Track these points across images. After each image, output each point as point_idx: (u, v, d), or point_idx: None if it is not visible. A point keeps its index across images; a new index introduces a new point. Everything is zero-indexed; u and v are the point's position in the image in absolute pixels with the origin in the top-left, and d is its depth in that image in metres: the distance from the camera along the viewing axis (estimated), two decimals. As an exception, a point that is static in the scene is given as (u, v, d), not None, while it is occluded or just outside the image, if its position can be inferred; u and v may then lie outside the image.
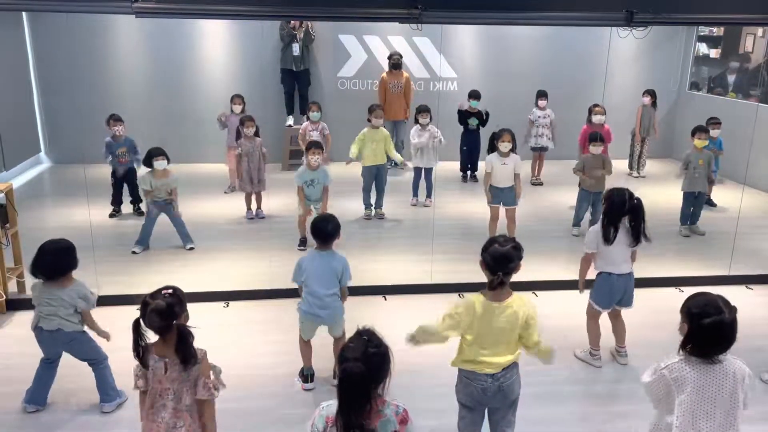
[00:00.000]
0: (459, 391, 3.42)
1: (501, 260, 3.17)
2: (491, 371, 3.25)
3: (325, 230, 4.20)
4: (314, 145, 6.69)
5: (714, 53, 10.65)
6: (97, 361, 4.10)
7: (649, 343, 4.96)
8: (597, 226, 4.59)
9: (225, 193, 8.78)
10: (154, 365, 3.03)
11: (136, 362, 3.05)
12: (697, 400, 2.69)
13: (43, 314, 3.93)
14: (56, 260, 3.91)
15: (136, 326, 3.00)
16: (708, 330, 2.67)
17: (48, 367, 4.09)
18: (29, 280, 5.46)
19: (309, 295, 4.22)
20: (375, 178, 7.83)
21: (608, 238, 4.46)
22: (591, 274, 4.71)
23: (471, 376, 3.30)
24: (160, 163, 6.45)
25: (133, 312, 2.99)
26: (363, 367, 2.31)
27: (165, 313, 2.95)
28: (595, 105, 8.44)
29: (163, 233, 6.79)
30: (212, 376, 3.11)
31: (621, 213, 4.43)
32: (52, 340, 3.98)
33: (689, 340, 2.73)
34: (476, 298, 3.24)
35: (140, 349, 3.02)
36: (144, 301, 2.99)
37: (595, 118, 8.33)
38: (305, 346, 4.39)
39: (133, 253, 6.57)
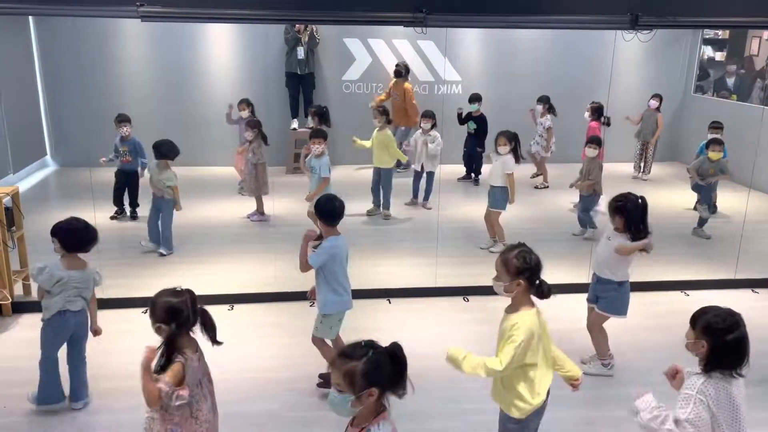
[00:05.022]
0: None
1: (539, 266, 3.03)
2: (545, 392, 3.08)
3: (333, 208, 4.11)
4: (316, 134, 6.74)
5: (719, 56, 10.63)
6: (85, 358, 4.14)
7: (652, 347, 4.94)
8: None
9: (241, 195, 8.65)
10: (194, 365, 2.94)
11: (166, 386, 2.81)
12: (730, 415, 2.63)
13: (70, 297, 3.95)
14: (89, 234, 3.97)
15: (172, 341, 2.87)
16: (732, 346, 2.61)
17: (55, 365, 4.09)
18: (35, 284, 5.49)
19: (339, 286, 4.16)
20: (379, 177, 7.92)
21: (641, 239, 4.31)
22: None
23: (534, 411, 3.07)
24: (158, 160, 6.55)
25: (136, 314, 2.98)
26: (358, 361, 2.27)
27: (196, 304, 2.97)
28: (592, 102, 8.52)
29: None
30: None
31: (641, 214, 4.29)
32: (74, 321, 3.99)
33: (712, 358, 2.63)
34: (533, 312, 3.04)
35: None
36: (174, 307, 2.88)
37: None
38: (328, 348, 4.31)
39: (161, 254, 6.62)
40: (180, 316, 2.88)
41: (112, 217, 7.63)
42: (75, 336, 4.07)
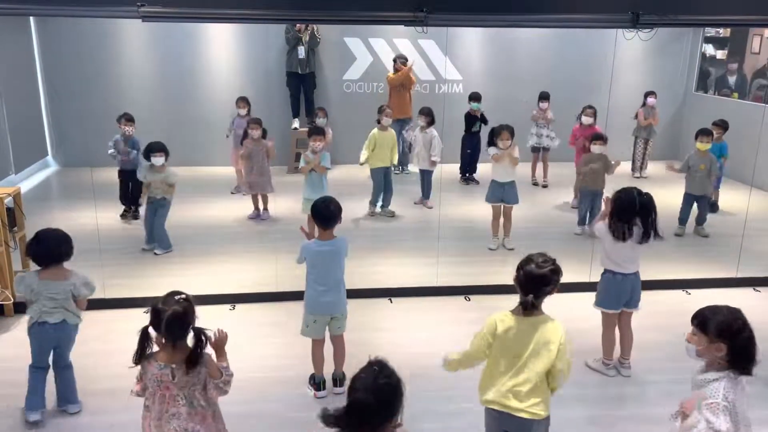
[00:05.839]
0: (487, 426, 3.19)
1: (536, 282, 2.99)
2: (521, 414, 2.97)
3: (328, 211, 4.11)
4: (315, 132, 6.87)
5: (720, 54, 10.62)
6: (70, 365, 4.08)
7: (653, 346, 4.94)
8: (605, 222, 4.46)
9: (232, 193, 8.79)
10: (159, 372, 2.97)
11: (137, 367, 3.07)
12: (741, 410, 2.65)
13: (47, 308, 3.87)
14: (56, 246, 3.88)
15: (146, 334, 2.96)
16: (748, 343, 2.63)
17: (41, 373, 4.01)
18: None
19: (315, 284, 4.17)
20: (384, 178, 7.92)
21: (618, 236, 4.32)
22: (596, 276, 4.70)
23: (499, 416, 3.05)
24: (156, 160, 6.47)
25: (138, 314, 2.99)
26: (372, 398, 2.24)
27: (186, 321, 2.93)
28: (588, 107, 8.45)
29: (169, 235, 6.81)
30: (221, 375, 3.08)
31: (631, 212, 4.31)
32: (54, 334, 3.92)
33: (732, 359, 2.64)
34: (497, 317, 3.06)
35: (142, 358, 3.00)
36: (156, 309, 2.91)
37: (584, 120, 8.36)
38: (318, 351, 4.33)
39: (155, 254, 6.63)
40: (154, 319, 2.92)
41: (122, 216, 7.65)
42: (57, 347, 4.01)
